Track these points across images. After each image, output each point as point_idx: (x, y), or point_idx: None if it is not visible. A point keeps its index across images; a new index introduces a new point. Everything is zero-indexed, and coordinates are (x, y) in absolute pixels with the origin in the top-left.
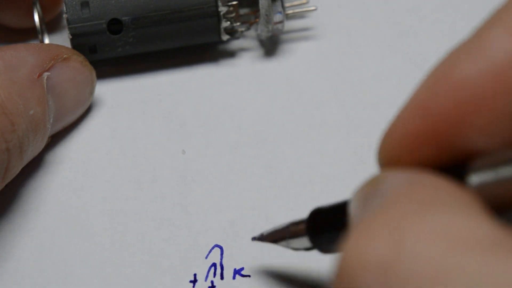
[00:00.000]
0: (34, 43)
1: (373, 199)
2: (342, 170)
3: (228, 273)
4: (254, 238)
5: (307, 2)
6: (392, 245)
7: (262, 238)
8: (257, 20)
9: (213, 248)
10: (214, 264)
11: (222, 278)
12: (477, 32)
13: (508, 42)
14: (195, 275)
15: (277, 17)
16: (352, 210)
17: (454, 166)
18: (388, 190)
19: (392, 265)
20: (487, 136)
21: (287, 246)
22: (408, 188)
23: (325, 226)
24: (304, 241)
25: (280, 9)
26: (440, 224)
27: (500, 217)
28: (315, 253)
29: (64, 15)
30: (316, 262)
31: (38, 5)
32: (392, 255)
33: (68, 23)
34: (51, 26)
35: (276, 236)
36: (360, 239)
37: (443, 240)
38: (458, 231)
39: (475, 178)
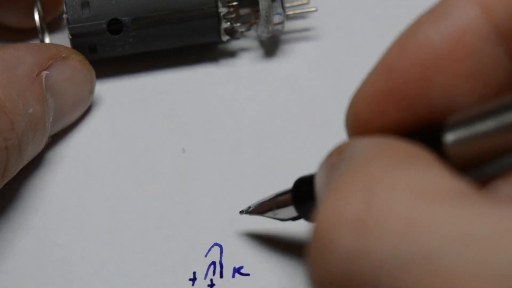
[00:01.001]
0: (34, 42)
1: (340, 165)
2: None
3: (228, 271)
4: (242, 212)
5: (307, 3)
6: (365, 201)
7: (249, 211)
8: (257, 20)
9: (212, 246)
10: (213, 263)
11: (221, 276)
12: None
13: (470, 9)
14: (194, 273)
15: (277, 18)
16: (318, 180)
17: (429, 126)
18: (355, 154)
19: (365, 221)
20: (449, 96)
21: (274, 217)
22: (375, 150)
23: (309, 194)
24: (290, 211)
25: (280, 10)
26: (409, 179)
27: (476, 173)
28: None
29: (64, 15)
30: None
31: (38, 5)
32: (365, 211)
33: (68, 23)
34: (51, 26)
35: (263, 208)
36: (334, 199)
37: (412, 193)
38: (425, 185)
39: (450, 136)
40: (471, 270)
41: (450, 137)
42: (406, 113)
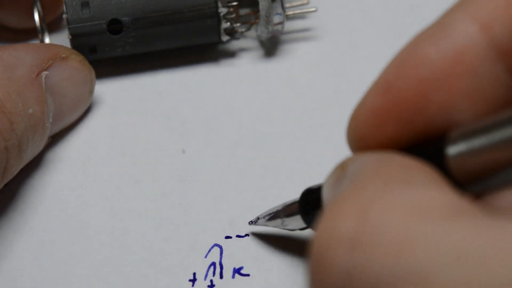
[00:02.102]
0: (33, 43)
1: (342, 181)
2: None
3: (228, 272)
4: (251, 222)
5: (307, 3)
6: (359, 219)
7: (258, 222)
8: (257, 20)
9: (212, 247)
10: (213, 263)
11: (221, 277)
12: (441, 17)
13: (469, 26)
14: (194, 274)
15: (277, 18)
16: (324, 195)
17: (430, 140)
18: (356, 171)
19: (359, 238)
20: (448, 113)
21: (283, 228)
22: (374, 167)
23: (315, 204)
24: (299, 221)
25: (280, 10)
26: (404, 197)
27: (478, 186)
28: None
29: (64, 15)
30: None
31: (38, 5)
32: (359, 229)
33: (68, 23)
34: (51, 26)
35: (271, 219)
36: (330, 218)
37: (406, 211)
38: (420, 202)
39: (453, 150)
40: (463, 287)
41: (452, 150)
42: (405, 128)
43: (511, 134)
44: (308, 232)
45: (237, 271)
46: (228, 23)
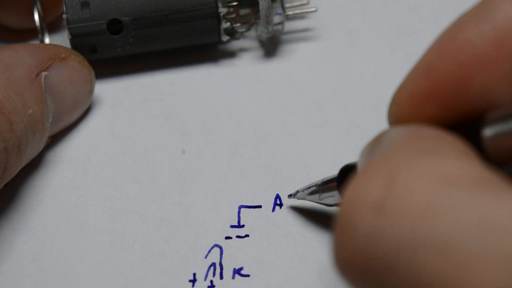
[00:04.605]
0: (33, 43)
1: (375, 151)
2: None
3: (228, 272)
4: (290, 195)
5: (307, 3)
6: (385, 185)
7: (296, 195)
8: (257, 20)
9: (212, 247)
10: (213, 264)
11: (221, 277)
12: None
13: (510, 10)
14: (194, 274)
15: (277, 18)
16: (359, 165)
17: (469, 121)
18: (389, 141)
19: (384, 203)
20: (488, 95)
21: (320, 202)
22: (405, 137)
23: None
24: (336, 197)
25: (280, 10)
26: (431, 165)
27: None
28: (311, 255)
29: (64, 15)
30: (314, 262)
31: (38, 5)
32: (385, 194)
33: (68, 23)
34: (51, 26)
35: (309, 193)
36: (357, 182)
37: (432, 179)
38: (447, 171)
39: (489, 131)
40: (483, 256)
41: (488, 131)
42: (445, 110)
43: None
44: (303, 229)
45: (237, 271)
46: (228, 23)
